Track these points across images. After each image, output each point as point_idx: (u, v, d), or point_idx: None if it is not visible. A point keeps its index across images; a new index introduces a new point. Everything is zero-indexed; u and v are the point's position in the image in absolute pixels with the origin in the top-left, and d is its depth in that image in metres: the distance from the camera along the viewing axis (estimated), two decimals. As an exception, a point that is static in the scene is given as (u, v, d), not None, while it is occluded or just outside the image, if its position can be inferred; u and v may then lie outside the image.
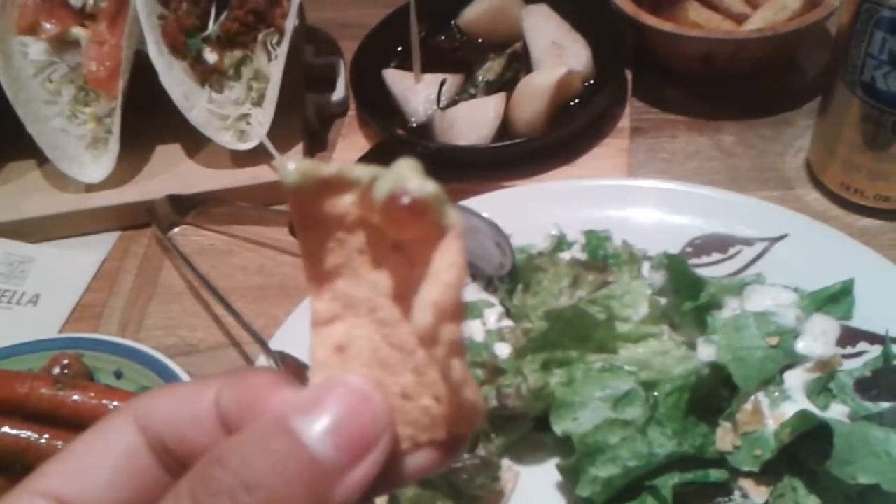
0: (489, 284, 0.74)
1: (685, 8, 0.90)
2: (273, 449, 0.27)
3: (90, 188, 0.90)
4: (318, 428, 0.28)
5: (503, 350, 0.67)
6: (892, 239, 0.78)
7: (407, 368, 0.29)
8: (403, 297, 0.29)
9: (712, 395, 0.62)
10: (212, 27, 0.89)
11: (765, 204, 0.76)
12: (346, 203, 0.29)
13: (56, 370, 0.68)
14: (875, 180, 0.78)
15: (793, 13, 0.88)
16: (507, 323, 0.71)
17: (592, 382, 0.61)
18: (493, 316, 0.72)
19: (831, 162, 0.81)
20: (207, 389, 0.31)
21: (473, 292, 0.74)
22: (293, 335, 0.69)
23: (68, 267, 0.86)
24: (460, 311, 0.27)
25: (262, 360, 0.68)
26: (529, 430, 0.64)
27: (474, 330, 0.71)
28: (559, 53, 0.93)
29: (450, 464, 0.30)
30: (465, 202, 0.78)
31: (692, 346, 0.63)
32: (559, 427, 0.59)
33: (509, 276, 0.72)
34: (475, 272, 0.75)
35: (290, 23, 0.90)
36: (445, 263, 0.27)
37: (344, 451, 0.28)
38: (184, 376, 0.67)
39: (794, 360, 0.61)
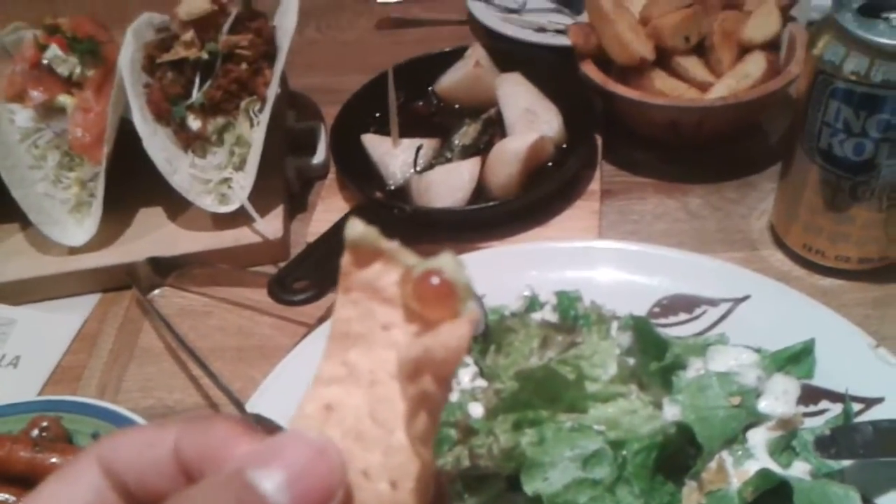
0: (463, 345, 0.76)
1: (651, 77, 0.94)
2: (230, 500, 0.27)
3: (73, 251, 0.91)
4: (275, 480, 0.28)
5: (476, 410, 0.68)
6: (854, 299, 0.81)
7: (380, 447, 0.31)
8: None
9: (679, 454, 0.63)
10: (196, 95, 0.92)
11: (728, 265, 0.79)
12: (389, 279, 0.31)
13: (35, 433, 0.69)
14: (835, 242, 0.81)
15: (755, 81, 0.92)
16: (481, 382, 0.72)
17: (562, 442, 0.62)
18: (468, 376, 0.74)
19: (794, 224, 0.84)
20: (168, 434, 0.31)
21: (448, 353, 0.75)
22: (270, 398, 0.70)
23: (49, 329, 0.87)
24: (447, 378, 0.30)
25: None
26: (502, 490, 0.65)
27: (448, 390, 0.72)
28: (532, 119, 0.97)
29: None
30: (440, 264, 0.81)
31: (659, 406, 0.65)
32: (530, 487, 0.60)
33: (483, 336, 0.74)
34: (450, 333, 0.76)
35: (272, 91, 0.93)
36: (452, 333, 0.29)
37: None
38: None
39: (756, 419, 0.63)
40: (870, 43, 0.69)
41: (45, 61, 0.95)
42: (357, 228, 0.31)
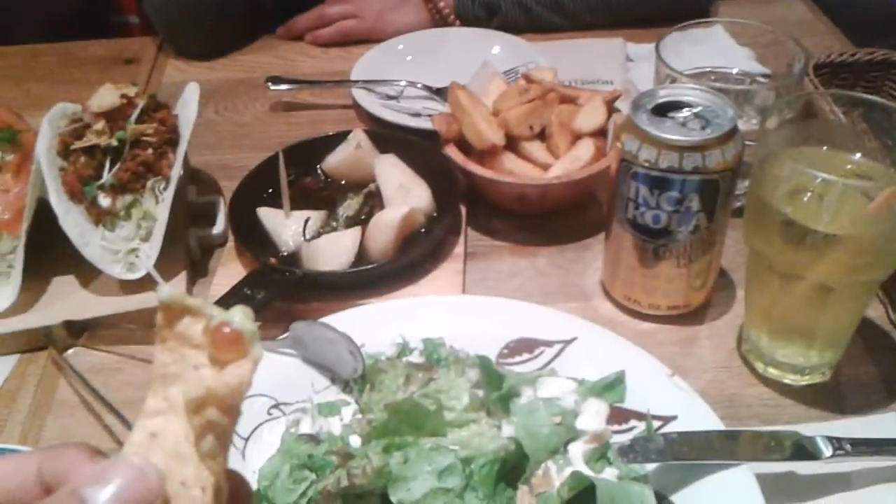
0: (346, 386, 0.90)
1: (502, 158, 1.12)
2: None
3: (-7, 316, 1.01)
4: (104, 495, 0.36)
5: (356, 441, 0.82)
6: (663, 338, 0.99)
7: (193, 462, 0.40)
8: None
9: (518, 465, 0.79)
10: (106, 177, 1.04)
11: (561, 314, 0.96)
12: (196, 329, 0.41)
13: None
14: (648, 293, 1.00)
15: (585, 163, 1.12)
16: (360, 418, 0.86)
17: (423, 460, 0.76)
18: (349, 413, 0.87)
19: (616, 279, 1.03)
20: (31, 461, 0.39)
21: (333, 393, 0.89)
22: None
23: (-29, 388, 0.95)
24: (234, 407, 0.39)
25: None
26: (375, 504, 0.79)
27: (332, 425, 0.86)
28: (405, 194, 1.13)
29: None
30: (326, 319, 0.95)
31: (500, 427, 0.81)
32: (395, 497, 0.74)
33: (361, 378, 0.89)
34: (334, 377, 0.90)
35: (176, 172, 1.06)
36: (235, 372, 0.39)
37: None
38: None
39: (574, 435, 0.79)
40: (656, 138, 0.89)
41: (-34, 147, 1.06)
42: (165, 291, 0.41)
